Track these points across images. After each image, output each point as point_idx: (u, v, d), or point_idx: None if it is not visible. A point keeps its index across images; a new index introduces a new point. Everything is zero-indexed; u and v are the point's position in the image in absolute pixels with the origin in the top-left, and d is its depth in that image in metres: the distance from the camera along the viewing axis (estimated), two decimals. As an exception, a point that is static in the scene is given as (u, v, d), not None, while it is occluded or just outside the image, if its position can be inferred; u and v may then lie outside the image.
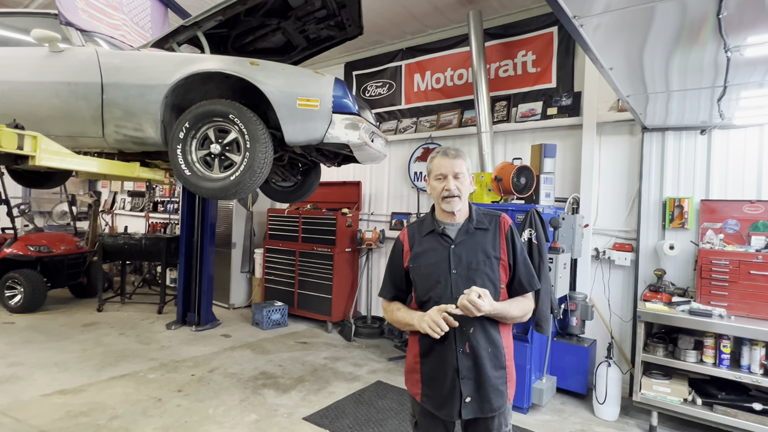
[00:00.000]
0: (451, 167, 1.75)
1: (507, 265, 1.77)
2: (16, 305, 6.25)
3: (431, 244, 1.80)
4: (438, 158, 1.79)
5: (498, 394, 1.74)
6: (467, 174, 1.78)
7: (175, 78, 3.08)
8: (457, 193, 1.74)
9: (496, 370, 1.74)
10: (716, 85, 2.83)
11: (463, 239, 1.77)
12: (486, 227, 1.79)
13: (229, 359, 4.82)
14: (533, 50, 5.15)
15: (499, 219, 1.82)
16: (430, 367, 1.79)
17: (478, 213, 1.84)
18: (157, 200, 9.85)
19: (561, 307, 4.04)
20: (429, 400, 1.80)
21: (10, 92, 3.26)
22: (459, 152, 1.79)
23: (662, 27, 2.00)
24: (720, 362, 3.32)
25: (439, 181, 1.77)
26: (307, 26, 3.88)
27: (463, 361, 1.71)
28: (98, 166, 3.32)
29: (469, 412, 1.73)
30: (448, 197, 1.75)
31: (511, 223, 1.83)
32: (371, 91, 6.67)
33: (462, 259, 1.74)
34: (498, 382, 1.75)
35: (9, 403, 3.58)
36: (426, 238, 1.83)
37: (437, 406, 1.78)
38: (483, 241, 1.77)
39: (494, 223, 1.81)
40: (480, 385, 1.72)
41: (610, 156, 4.60)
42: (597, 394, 3.79)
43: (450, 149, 1.79)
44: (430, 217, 1.87)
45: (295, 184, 4.56)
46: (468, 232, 1.78)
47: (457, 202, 1.75)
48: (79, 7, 3.51)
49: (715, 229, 3.86)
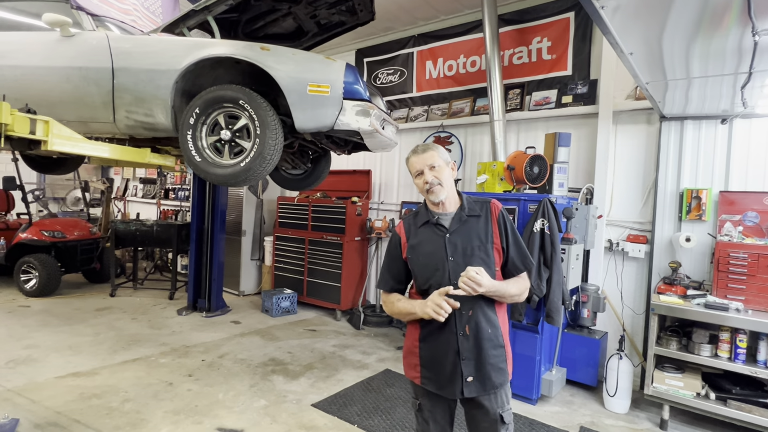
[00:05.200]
0: (423, 162, 1.84)
1: (500, 248, 1.84)
2: (32, 289, 6.37)
3: (427, 234, 1.88)
4: (411, 158, 1.90)
5: (498, 371, 1.81)
6: (444, 163, 1.86)
7: (185, 63, 3.05)
8: (436, 182, 1.83)
9: (495, 350, 1.81)
10: (740, 72, 2.73)
11: (457, 227, 1.84)
12: (478, 214, 1.87)
13: (239, 345, 4.86)
14: (548, 36, 5.03)
15: (490, 205, 1.89)
16: (429, 351, 1.86)
17: (469, 201, 1.91)
18: (168, 187, 9.93)
19: (572, 299, 3.99)
20: (429, 381, 1.86)
21: (22, 77, 3.27)
22: (428, 146, 1.89)
23: (684, 9, 1.92)
24: (735, 357, 3.25)
25: (419, 178, 1.87)
26: (318, 11, 3.82)
27: (463, 343, 1.78)
28: (109, 152, 3.32)
29: (472, 390, 1.79)
30: (430, 188, 1.83)
31: (501, 207, 1.91)
32: (382, 78, 6.59)
33: (458, 247, 1.81)
34: (497, 360, 1.81)
35: (24, 385, 3.65)
36: (421, 229, 1.90)
37: (439, 386, 1.84)
38: (476, 227, 1.85)
39: (485, 209, 1.88)
40: (481, 365, 1.79)
41: (626, 145, 4.50)
42: (607, 387, 3.75)
43: (419, 146, 1.90)
44: (423, 209, 1.94)
45: (305, 171, 4.54)
46: (461, 220, 1.85)
47: (440, 190, 1.83)
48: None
49: (733, 221, 3.76)
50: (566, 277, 3.75)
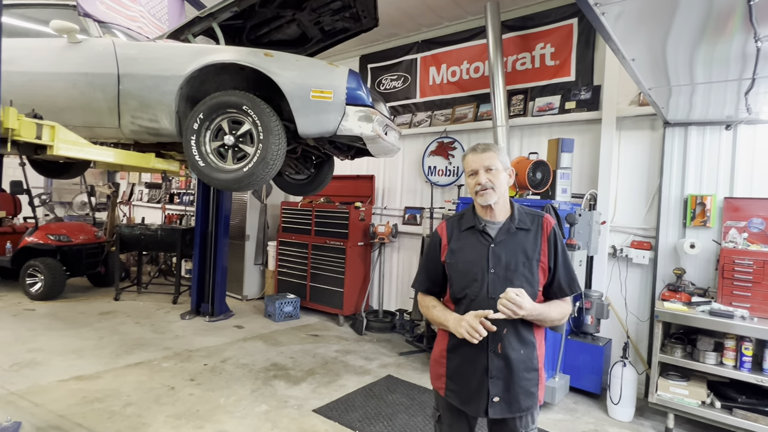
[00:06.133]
0: (480, 161, 1.74)
1: (547, 268, 1.73)
2: (37, 293, 6.41)
3: (470, 240, 1.78)
4: (468, 155, 1.79)
5: (528, 395, 1.71)
6: (502, 168, 1.75)
7: (190, 69, 3.08)
8: (489, 186, 1.72)
9: (528, 372, 1.71)
10: (744, 78, 2.72)
11: (504, 239, 1.73)
12: (528, 228, 1.75)
13: (242, 350, 4.86)
14: (552, 43, 5.04)
15: (542, 219, 1.77)
16: (457, 363, 1.77)
17: (520, 212, 1.79)
18: (173, 192, 9.99)
19: (576, 305, 3.96)
20: (454, 395, 1.78)
21: (30, 83, 3.30)
22: (489, 146, 1.77)
23: (688, 15, 1.92)
24: (741, 365, 3.22)
25: (471, 177, 1.77)
26: (322, 18, 3.85)
27: (493, 361, 1.68)
28: (114, 157, 3.34)
29: (497, 411, 1.70)
30: (480, 191, 1.73)
31: (555, 224, 1.79)
32: (386, 84, 6.62)
33: (501, 260, 1.70)
34: (529, 384, 1.71)
35: (28, 388, 3.67)
36: (465, 233, 1.80)
37: (463, 401, 1.76)
38: (524, 241, 1.73)
39: (536, 223, 1.76)
40: (510, 386, 1.69)
41: (630, 151, 4.49)
42: (611, 395, 3.72)
43: (480, 144, 1.78)
44: (470, 212, 1.83)
45: (308, 177, 4.55)
46: (509, 232, 1.74)
47: (491, 194, 1.72)
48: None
49: (738, 227, 3.73)
50: (569, 284, 3.72)
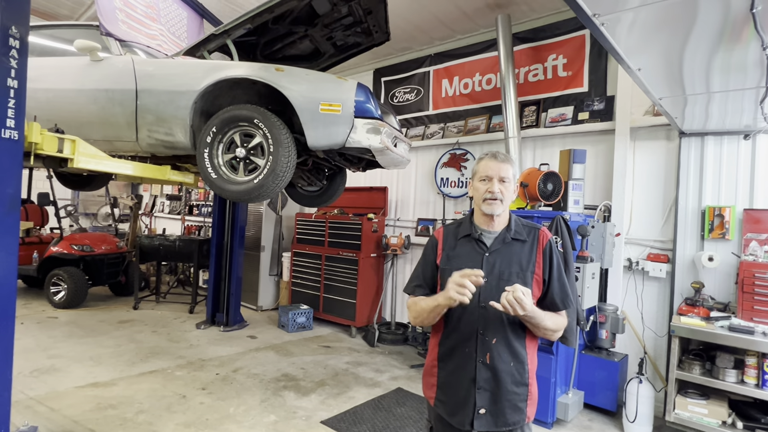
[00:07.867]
0: (497, 170, 1.73)
1: (541, 280, 1.72)
2: (60, 301, 6.60)
3: (465, 248, 1.78)
4: (486, 160, 1.77)
5: (515, 410, 1.68)
6: (513, 181, 1.75)
7: (204, 84, 3.19)
8: (500, 197, 1.71)
9: (517, 386, 1.68)
10: (761, 86, 2.66)
11: (499, 248, 1.74)
12: (524, 239, 1.75)
13: (254, 360, 4.90)
14: (564, 54, 5.03)
15: (538, 232, 1.78)
16: (447, 372, 1.76)
17: (517, 224, 1.79)
18: (192, 204, 10.22)
19: (589, 319, 3.88)
20: (442, 405, 1.77)
21: (54, 99, 3.47)
22: (508, 157, 1.77)
23: (697, 23, 1.89)
24: (763, 384, 3.08)
25: (483, 183, 1.75)
26: (334, 33, 3.93)
27: (481, 372, 1.67)
28: (132, 169, 3.47)
29: (483, 424, 1.67)
30: (490, 199, 1.72)
31: (551, 237, 1.79)
32: (399, 97, 6.68)
33: (494, 268, 1.70)
34: (516, 398, 1.68)
35: (46, 393, 3.77)
36: (461, 241, 1.80)
37: (450, 412, 1.74)
38: (519, 252, 1.73)
39: (533, 235, 1.77)
40: (497, 399, 1.67)
41: (645, 162, 4.41)
42: (627, 412, 3.60)
43: (500, 153, 1.78)
44: (468, 220, 1.84)
45: (320, 188, 4.61)
46: (504, 242, 1.74)
47: (498, 205, 1.72)
48: (119, 19, 3.71)
49: (759, 240, 3.61)
50: (581, 297, 3.66)
